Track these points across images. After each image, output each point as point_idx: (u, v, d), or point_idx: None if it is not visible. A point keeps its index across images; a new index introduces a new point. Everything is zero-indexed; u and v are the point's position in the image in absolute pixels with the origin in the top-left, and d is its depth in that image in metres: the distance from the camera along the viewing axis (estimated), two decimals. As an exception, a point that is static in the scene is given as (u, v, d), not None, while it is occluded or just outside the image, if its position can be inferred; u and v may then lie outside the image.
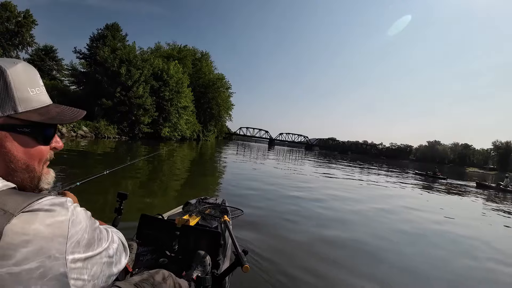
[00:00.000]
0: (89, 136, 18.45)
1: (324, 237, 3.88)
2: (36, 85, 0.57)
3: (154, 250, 1.81)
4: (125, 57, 22.72)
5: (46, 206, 0.47)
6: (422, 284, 2.92)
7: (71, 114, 0.62)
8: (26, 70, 0.55)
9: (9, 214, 0.43)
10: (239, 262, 1.40)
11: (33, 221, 0.44)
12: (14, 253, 0.41)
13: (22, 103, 0.52)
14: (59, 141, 0.64)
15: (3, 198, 0.45)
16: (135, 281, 1.00)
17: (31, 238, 0.42)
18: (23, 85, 0.53)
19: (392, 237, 4.30)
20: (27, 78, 0.54)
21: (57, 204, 0.48)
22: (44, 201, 0.47)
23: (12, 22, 28.15)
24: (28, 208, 0.45)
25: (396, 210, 6.47)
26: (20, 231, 0.42)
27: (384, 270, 3.07)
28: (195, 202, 2.65)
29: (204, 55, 46.73)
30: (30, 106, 0.54)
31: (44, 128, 0.57)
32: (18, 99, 0.52)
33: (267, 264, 2.71)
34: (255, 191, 6.53)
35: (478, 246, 4.44)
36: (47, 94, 0.61)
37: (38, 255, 0.43)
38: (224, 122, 54.97)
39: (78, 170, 6.57)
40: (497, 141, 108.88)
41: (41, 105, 0.57)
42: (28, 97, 0.54)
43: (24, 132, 0.53)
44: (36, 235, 0.43)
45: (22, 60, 0.56)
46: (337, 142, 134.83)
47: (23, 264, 0.41)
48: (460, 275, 3.29)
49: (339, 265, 2.99)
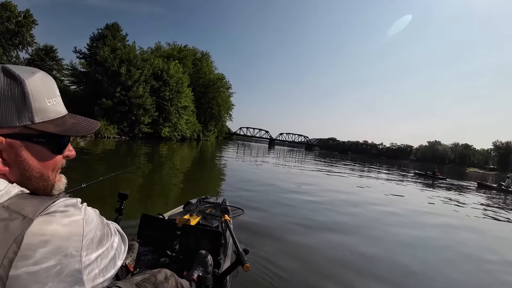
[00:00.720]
0: (89, 136, 18.37)
1: (324, 237, 3.87)
2: (53, 95, 0.57)
3: (155, 250, 1.80)
4: (125, 57, 22.71)
5: (61, 207, 0.49)
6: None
7: (86, 126, 0.63)
8: (43, 80, 0.55)
9: (29, 219, 0.44)
10: (240, 262, 1.40)
11: (50, 223, 0.46)
12: (33, 253, 0.43)
13: (39, 114, 0.53)
14: (72, 150, 0.65)
15: (20, 202, 0.47)
16: (137, 280, 1.00)
17: (49, 238, 0.45)
18: (41, 95, 0.53)
19: (390, 239, 4.27)
20: (44, 89, 0.55)
21: (70, 205, 0.50)
22: (59, 203, 0.49)
23: (12, 22, 28.09)
24: (46, 211, 0.47)
25: (390, 210, 6.45)
26: (38, 232, 0.44)
27: (381, 270, 3.04)
28: (196, 202, 2.64)
29: (204, 55, 46.73)
30: (46, 117, 0.54)
31: (59, 138, 0.58)
32: (35, 109, 0.52)
33: (268, 263, 2.71)
34: (256, 191, 6.51)
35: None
36: (63, 105, 0.61)
37: (56, 253, 0.45)
38: (224, 122, 54.94)
39: (81, 171, 6.55)
40: (497, 141, 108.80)
41: (58, 116, 0.58)
42: (45, 108, 0.54)
43: (39, 142, 0.54)
44: (54, 235, 0.45)
45: (40, 70, 0.56)
46: (337, 142, 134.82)
47: (41, 263, 0.43)
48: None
49: (339, 265, 2.98)
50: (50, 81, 0.57)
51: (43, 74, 0.56)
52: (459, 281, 3.07)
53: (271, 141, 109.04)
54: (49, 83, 0.57)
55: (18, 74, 0.50)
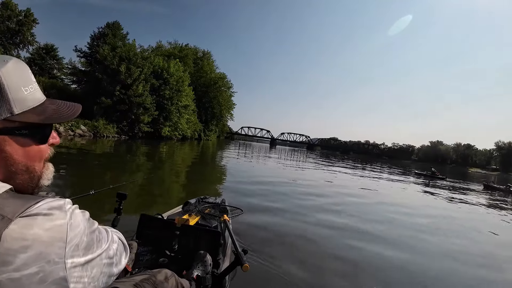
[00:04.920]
0: (88, 135, 18.23)
1: (325, 236, 3.85)
2: (30, 82, 0.54)
3: (154, 250, 1.81)
4: (125, 55, 22.51)
5: (45, 210, 0.46)
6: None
7: (68, 112, 0.60)
8: (18, 68, 0.52)
9: (7, 220, 0.42)
10: (239, 262, 1.39)
11: (31, 226, 0.43)
12: (13, 259, 0.41)
13: (18, 104, 0.50)
14: (55, 137, 0.62)
15: (2, 202, 0.45)
16: (136, 281, 0.99)
17: (30, 243, 0.42)
18: (17, 84, 0.50)
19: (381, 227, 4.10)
20: (20, 77, 0.52)
21: (55, 207, 0.48)
22: (42, 205, 0.46)
23: (13, 21, 28.01)
24: (27, 213, 0.44)
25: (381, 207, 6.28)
26: (19, 237, 0.42)
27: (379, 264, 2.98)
28: (195, 202, 2.65)
29: (206, 54, 46.65)
30: (26, 106, 0.52)
31: (42, 128, 0.56)
32: (13, 100, 0.49)
33: (267, 263, 2.72)
34: (255, 191, 6.45)
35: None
36: (40, 90, 0.58)
37: (38, 260, 0.42)
38: (226, 121, 54.84)
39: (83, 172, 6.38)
40: (499, 142, 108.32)
41: (37, 103, 0.55)
42: (23, 97, 0.51)
43: (22, 134, 0.52)
44: (35, 240, 0.43)
45: (12, 57, 0.53)
46: (339, 142, 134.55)
47: (23, 270, 0.41)
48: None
49: (340, 264, 2.98)
50: (24, 68, 0.54)
51: (16, 61, 0.52)
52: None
53: (273, 140, 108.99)
54: (23, 70, 0.53)
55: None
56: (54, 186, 4.04)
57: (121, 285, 0.92)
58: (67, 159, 7.76)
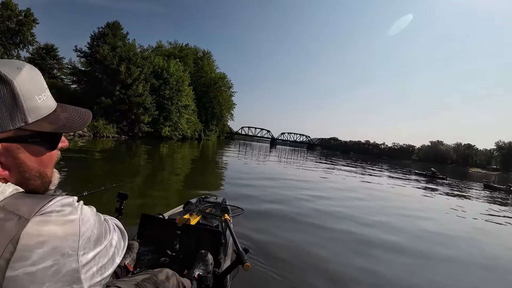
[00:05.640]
0: (87, 135, 18.21)
1: (324, 236, 3.83)
2: (43, 90, 0.55)
3: (155, 250, 1.82)
4: (124, 55, 22.48)
5: (58, 207, 0.48)
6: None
7: (80, 120, 0.62)
8: (31, 76, 0.52)
9: (24, 220, 0.44)
10: (240, 261, 1.40)
11: (47, 223, 0.45)
12: (30, 254, 0.43)
13: (32, 113, 0.51)
14: (64, 141, 0.63)
15: (15, 202, 0.46)
16: (137, 280, 0.98)
17: (46, 238, 0.44)
18: (31, 93, 0.51)
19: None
20: (33, 85, 0.52)
21: (66, 204, 0.50)
22: (55, 203, 0.48)
23: (13, 21, 27.95)
24: (42, 211, 0.46)
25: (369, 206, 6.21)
26: (35, 233, 0.44)
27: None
28: (196, 201, 2.65)
29: (206, 54, 46.61)
30: (39, 115, 0.53)
31: (54, 135, 0.57)
32: (27, 109, 0.50)
33: (268, 262, 2.72)
34: (256, 190, 6.44)
35: None
36: (52, 96, 0.59)
37: (53, 254, 0.44)
38: (226, 121, 54.76)
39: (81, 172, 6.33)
40: (500, 141, 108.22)
41: (49, 111, 0.56)
42: (37, 106, 0.52)
43: (35, 142, 0.53)
44: (51, 235, 0.45)
45: (25, 63, 0.53)
46: (339, 142, 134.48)
47: (39, 264, 0.43)
48: None
49: (340, 264, 2.96)
50: (38, 75, 0.54)
51: (29, 68, 0.53)
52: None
53: (273, 140, 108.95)
54: (37, 77, 0.54)
55: (4, 74, 0.47)
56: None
57: (123, 284, 0.91)
58: (67, 159, 7.73)
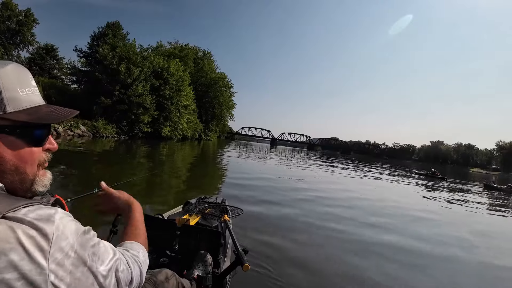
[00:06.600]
0: (87, 135, 18.16)
1: (324, 236, 3.84)
2: (27, 85, 0.55)
3: (155, 250, 1.80)
4: (124, 55, 22.44)
5: (32, 216, 0.45)
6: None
7: (60, 113, 0.60)
8: (16, 70, 0.54)
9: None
10: (240, 261, 1.40)
11: (16, 230, 0.42)
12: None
13: (11, 103, 0.51)
14: (53, 143, 0.61)
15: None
16: None
17: (14, 246, 0.41)
18: (13, 85, 0.52)
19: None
20: (17, 79, 0.53)
21: (43, 216, 0.46)
22: (31, 210, 0.46)
23: (13, 21, 27.95)
24: (13, 215, 0.44)
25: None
26: (3, 237, 0.41)
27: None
28: (195, 202, 2.65)
29: (206, 54, 46.57)
30: (19, 106, 0.53)
31: (34, 129, 0.55)
32: (6, 99, 0.51)
33: (268, 263, 2.71)
34: (256, 191, 6.43)
35: None
36: (40, 96, 0.59)
37: (18, 266, 0.41)
38: (226, 121, 54.71)
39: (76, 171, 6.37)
40: (500, 141, 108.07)
41: (31, 105, 0.55)
42: (17, 97, 0.53)
43: (13, 133, 0.52)
44: (19, 244, 0.42)
45: (14, 62, 0.55)
46: (340, 142, 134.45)
47: (4, 273, 0.40)
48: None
49: (340, 264, 2.97)
50: (24, 72, 0.56)
51: (16, 65, 0.54)
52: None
53: (273, 140, 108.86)
54: (23, 73, 0.55)
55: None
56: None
57: None
58: (67, 159, 7.76)
